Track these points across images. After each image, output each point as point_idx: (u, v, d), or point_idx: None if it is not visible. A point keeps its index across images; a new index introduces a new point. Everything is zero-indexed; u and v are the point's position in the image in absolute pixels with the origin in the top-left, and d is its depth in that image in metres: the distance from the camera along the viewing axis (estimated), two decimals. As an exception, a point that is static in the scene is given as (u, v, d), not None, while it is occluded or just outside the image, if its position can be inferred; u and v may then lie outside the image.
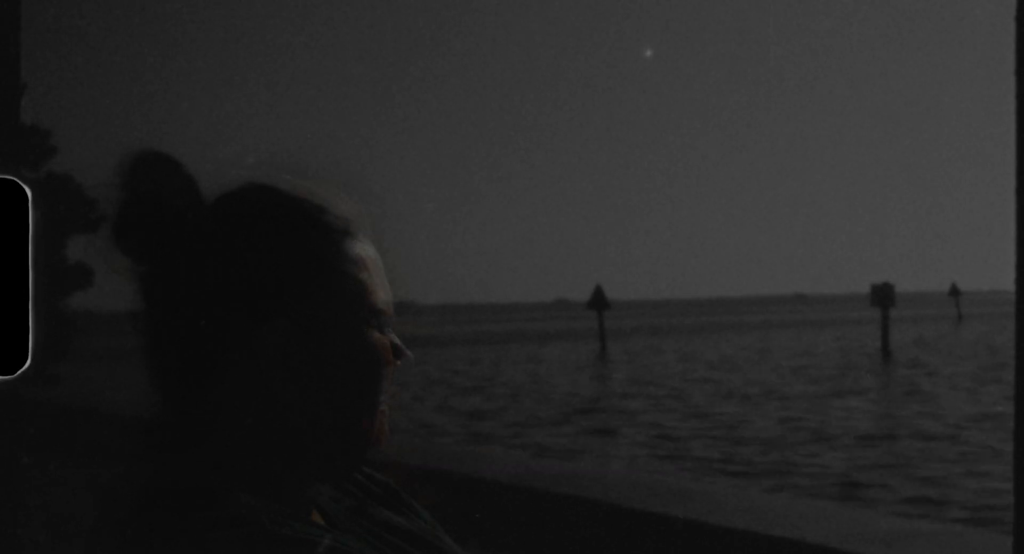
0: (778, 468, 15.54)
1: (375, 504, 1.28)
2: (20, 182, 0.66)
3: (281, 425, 1.15)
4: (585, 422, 22.42)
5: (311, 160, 1.25)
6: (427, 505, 1.35)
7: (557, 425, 21.93)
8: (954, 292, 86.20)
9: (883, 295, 43.39)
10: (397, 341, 1.22)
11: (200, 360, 1.13)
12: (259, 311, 1.13)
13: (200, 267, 1.13)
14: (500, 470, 8.02)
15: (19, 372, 0.67)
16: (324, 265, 1.16)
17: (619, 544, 6.59)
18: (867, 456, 16.71)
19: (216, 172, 1.21)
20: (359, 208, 1.24)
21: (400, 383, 1.24)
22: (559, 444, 18.88)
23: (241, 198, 1.18)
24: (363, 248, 1.21)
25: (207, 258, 1.14)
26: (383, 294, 1.21)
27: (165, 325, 1.15)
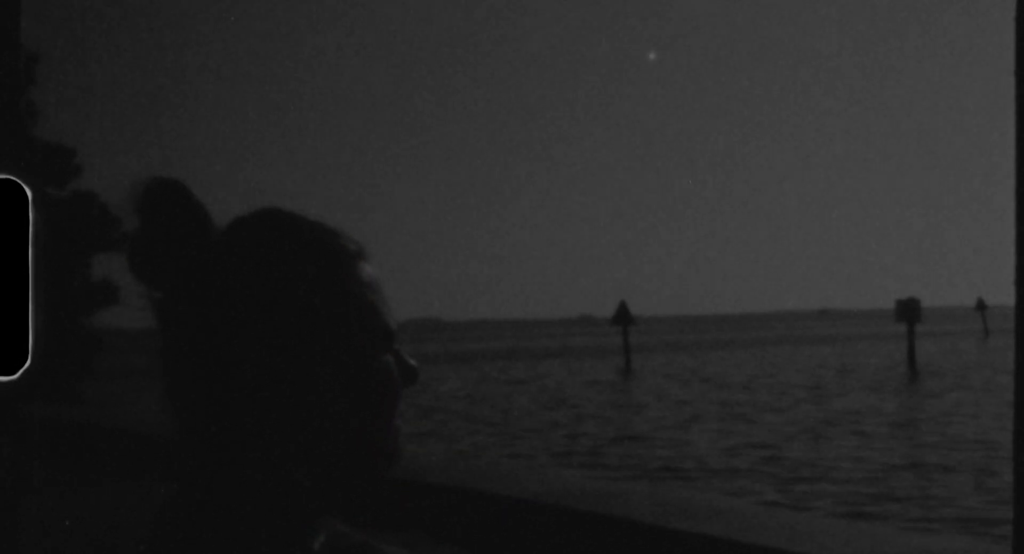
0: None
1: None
2: (21, 182, 0.65)
3: (295, 447, 1.14)
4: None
5: (320, 175, 1.25)
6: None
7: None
8: (981, 307, 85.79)
9: (909, 310, 43.21)
10: (411, 361, 1.22)
11: (212, 384, 1.13)
12: (272, 335, 1.13)
13: (212, 293, 1.13)
14: (525, 487, 8.00)
15: (20, 372, 0.66)
16: (335, 289, 1.16)
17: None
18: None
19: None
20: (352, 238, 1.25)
21: (414, 404, 1.25)
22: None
23: (253, 223, 1.18)
24: (373, 271, 1.22)
25: (219, 284, 1.14)
26: (392, 316, 1.22)
27: (178, 349, 1.15)
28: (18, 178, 0.63)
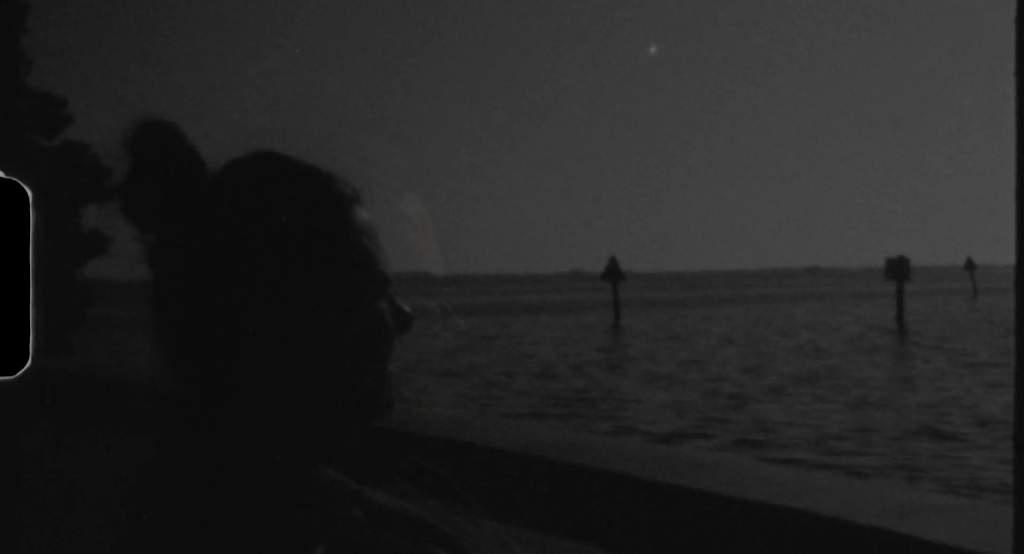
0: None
1: (370, 488, 1.27)
2: (20, 183, 0.66)
3: (290, 395, 1.14)
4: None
5: (341, 111, 1.24)
6: (482, 497, 1.34)
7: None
8: (970, 266, 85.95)
9: (898, 269, 43.26)
10: (405, 308, 1.21)
11: (206, 329, 1.12)
12: (265, 279, 1.12)
13: (205, 235, 1.12)
14: (512, 439, 8.03)
15: (19, 372, 0.67)
16: (331, 233, 1.15)
17: (632, 515, 6.60)
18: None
19: (250, 116, 1.20)
20: (400, 157, 1.23)
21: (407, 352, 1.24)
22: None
23: (248, 166, 1.17)
24: (369, 216, 1.20)
25: (212, 226, 1.13)
26: (387, 262, 1.20)
27: (171, 294, 1.14)
28: (18, 178, 0.63)
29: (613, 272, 49.43)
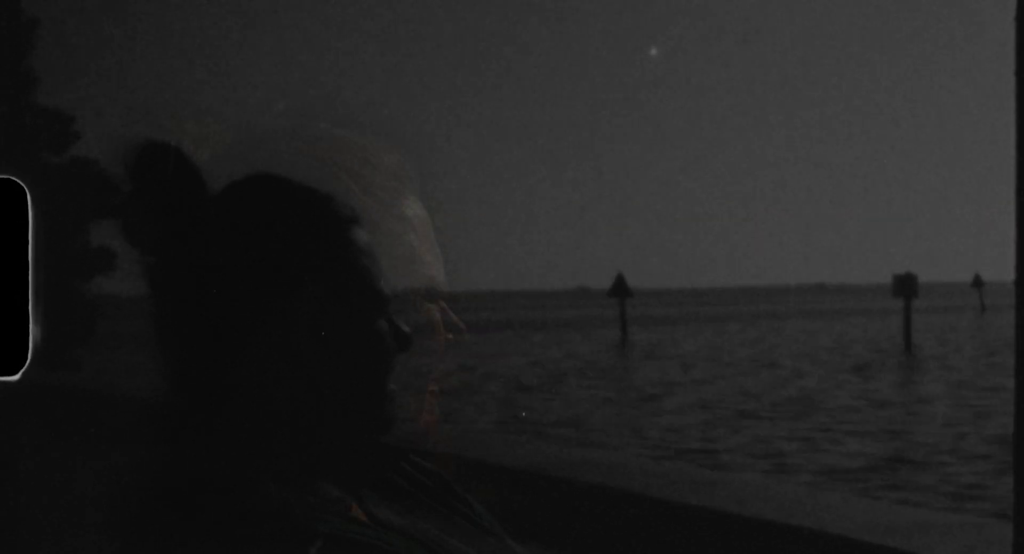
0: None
1: (376, 503, 1.26)
2: (20, 181, 0.65)
3: (289, 414, 1.14)
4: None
5: (340, 113, 1.24)
6: (484, 499, 1.33)
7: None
8: (977, 283, 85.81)
9: (906, 285, 43.09)
10: (405, 328, 1.21)
11: (205, 349, 1.13)
12: (265, 300, 1.13)
13: (205, 257, 1.13)
14: (521, 457, 8.02)
15: (20, 372, 0.66)
16: (330, 254, 1.16)
17: (641, 533, 6.59)
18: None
19: (247, 119, 1.20)
20: (400, 160, 1.23)
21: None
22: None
23: (247, 188, 1.18)
24: (367, 236, 1.20)
25: (213, 248, 1.13)
26: (386, 281, 1.21)
27: (171, 313, 1.15)
28: (17, 178, 0.63)
29: (620, 289, 49.42)
